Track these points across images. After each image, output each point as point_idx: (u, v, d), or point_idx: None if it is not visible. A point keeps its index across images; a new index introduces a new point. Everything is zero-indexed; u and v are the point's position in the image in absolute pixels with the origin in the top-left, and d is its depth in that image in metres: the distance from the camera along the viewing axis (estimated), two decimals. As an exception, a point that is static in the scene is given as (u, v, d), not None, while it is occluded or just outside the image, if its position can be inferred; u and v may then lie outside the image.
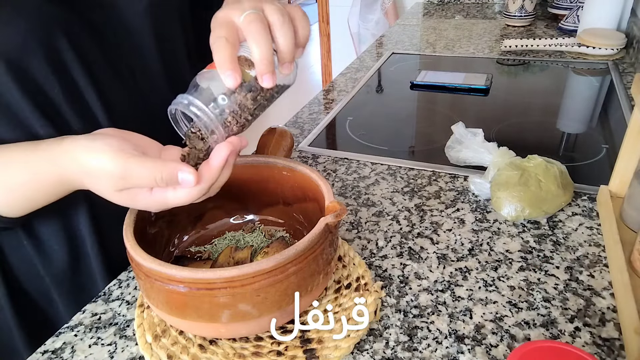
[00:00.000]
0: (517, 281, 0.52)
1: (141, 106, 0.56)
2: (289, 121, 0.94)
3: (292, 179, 0.52)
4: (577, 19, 1.31)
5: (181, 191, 0.40)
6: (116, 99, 0.53)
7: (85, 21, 0.49)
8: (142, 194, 0.40)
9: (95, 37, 0.50)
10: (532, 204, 0.59)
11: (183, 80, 0.60)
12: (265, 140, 0.64)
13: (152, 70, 0.57)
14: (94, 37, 0.50)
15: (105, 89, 0.52)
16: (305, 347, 0.44)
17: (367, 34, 2.43)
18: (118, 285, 0.55)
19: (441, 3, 1.82)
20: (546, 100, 0.99)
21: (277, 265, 0.38)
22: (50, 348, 0.47)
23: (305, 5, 5.61)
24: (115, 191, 0.40)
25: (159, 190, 0.40)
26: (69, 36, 0.47)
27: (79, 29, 0.48)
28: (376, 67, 1.20)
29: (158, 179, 0.38)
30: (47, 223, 0.53)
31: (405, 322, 0.48)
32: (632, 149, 0.58)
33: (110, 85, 0.52)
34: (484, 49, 1.28)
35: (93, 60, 0.50)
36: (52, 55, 0.46)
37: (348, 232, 0.61)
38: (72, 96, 0.49)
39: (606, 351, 0.43)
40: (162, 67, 0.58)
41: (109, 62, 0.52)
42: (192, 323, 0.41)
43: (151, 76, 0.57)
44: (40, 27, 0.45)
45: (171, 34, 0.59)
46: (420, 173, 0.73)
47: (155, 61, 0.57)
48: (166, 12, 0.57)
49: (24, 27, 0.44)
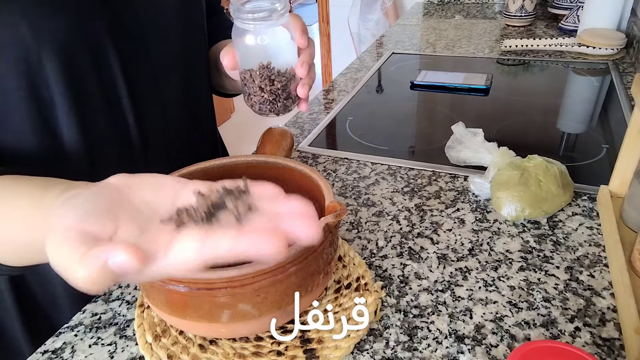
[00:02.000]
0: (517, 281, 0.52)
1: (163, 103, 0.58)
2: (289, 121, 0.94)
3: (292, 179, 0.52)
4: (577, 19, 1.31)
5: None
6: (142, 95, 0.55)
7: (121, 20, 0.51)
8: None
9: (130, 35, 0.52)
10: (532, 204, 0.59)
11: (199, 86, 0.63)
12: (265, 140, 0.64)
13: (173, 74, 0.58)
14: (129, 35, 0.52)
15: (135, 84, 0.53)
16: (305, 347, 0.44)
17: (367, 34, 2.43)
18: (118, 285, 0.55)
19: (441, 3, 1.82)
20: (546, 100, 0.99)
21: (277, 265, 0.38)
22: (51, 348, 0.47)
23: (305, 5, 5.61)
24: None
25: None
26: (110, 33, 0.49)
27: (117, 27, 0.50)
28: (376, 67, 1.20)
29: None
30: None
31: (406, 322, 0.48)
32: (632, 149, 0.58)
33: (139, 82, 0.54)
34: (484, 49, 1.28)
35: (127, 56, 0.52)
36: (92, 49, 0.48)
37: (348, 232, 0.61)
38: (106, 89, 0.51)
39: (606, 351, 0.43)
40: (184, 69, 0.59)
41: (140, 59, 0.53)
42: (192, 323, 0.41)
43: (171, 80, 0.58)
44: (85, 20, 0.47)
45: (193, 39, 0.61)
46: (421, 173, 0.73)
47: (179, 62, 0.58)
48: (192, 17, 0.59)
49: (69, 18, 0.46)
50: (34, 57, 0.45)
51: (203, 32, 0.63)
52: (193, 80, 0.62)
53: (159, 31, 0.55)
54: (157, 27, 0.54)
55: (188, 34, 0.59)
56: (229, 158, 0.53)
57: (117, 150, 0.54)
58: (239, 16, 0.45)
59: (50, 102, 0.48)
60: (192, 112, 0.63)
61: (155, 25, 0.54)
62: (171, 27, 0.56)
